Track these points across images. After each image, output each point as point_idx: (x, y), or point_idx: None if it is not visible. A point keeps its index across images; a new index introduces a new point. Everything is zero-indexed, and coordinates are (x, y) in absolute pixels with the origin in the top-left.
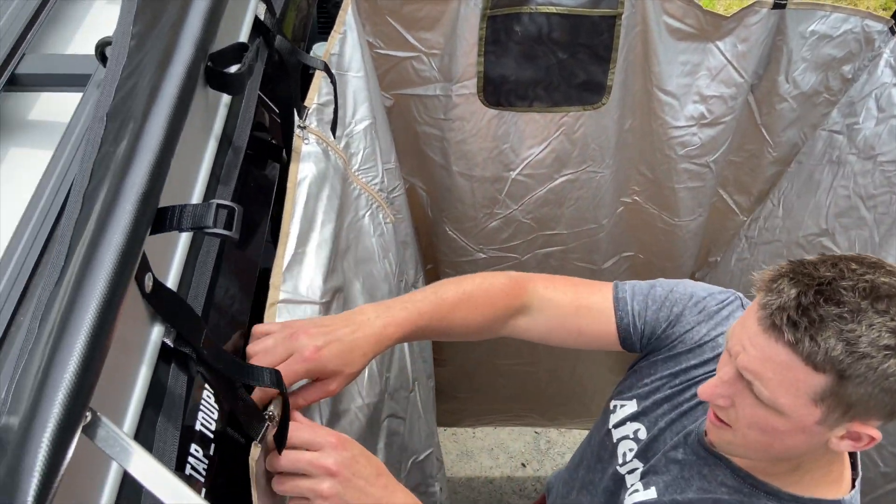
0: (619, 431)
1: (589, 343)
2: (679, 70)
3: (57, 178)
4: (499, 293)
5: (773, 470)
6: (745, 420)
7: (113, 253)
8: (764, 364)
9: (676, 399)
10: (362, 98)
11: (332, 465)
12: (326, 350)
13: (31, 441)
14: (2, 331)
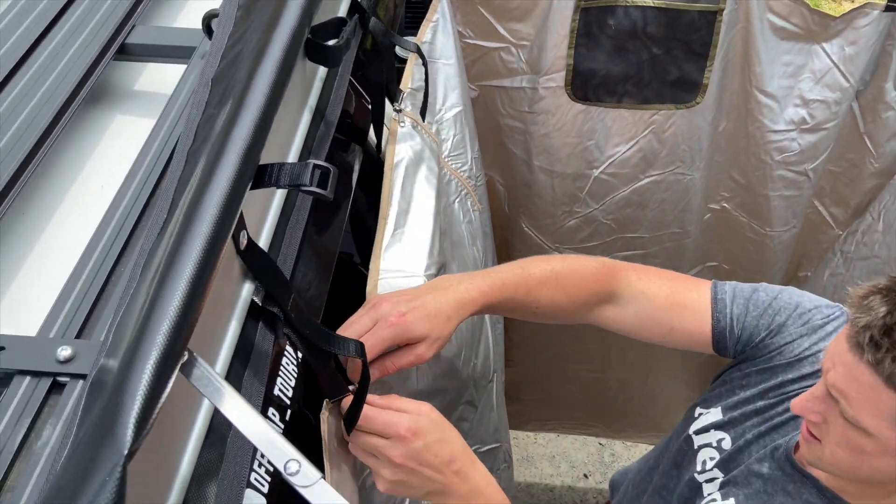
0: (700, 438)
1: (678, 342)
2: (781, 71)
3: (159, 144)
4: (589, 276)
5: (863, 494)
6: (835, 437)
7: (217, 202)
8: (849, 383)
9: (768, 412)
10: (453, 85)
11: (396, 456)
12: (411, 315)
13: (133, 372)
14: (104, 279)
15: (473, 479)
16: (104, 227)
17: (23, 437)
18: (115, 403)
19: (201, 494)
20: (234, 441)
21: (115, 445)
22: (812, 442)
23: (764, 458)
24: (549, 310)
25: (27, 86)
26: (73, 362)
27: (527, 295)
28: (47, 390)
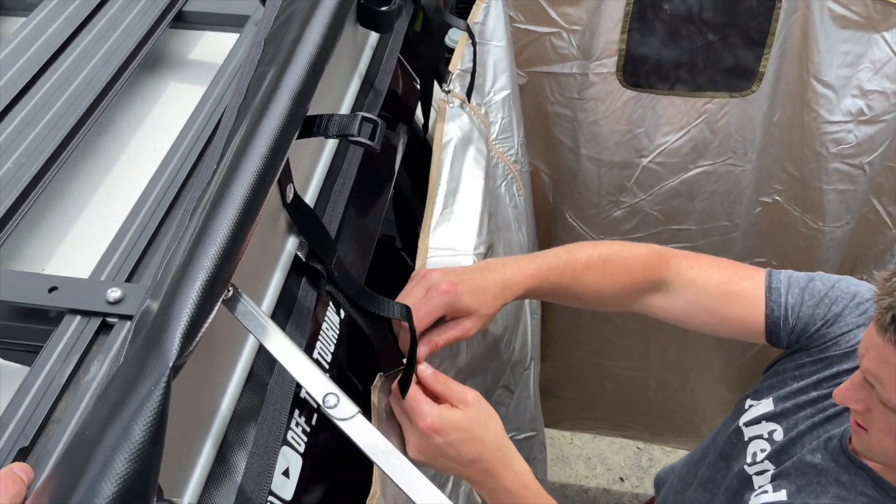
0: (750, 430)
1: (730, 332)
2: (840, 60)
3: (210, 105)
4: (638, 263)
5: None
6: (879, 424)
7: (265, 142)
8: (881, 366)
9: (822, 403)
10: (503, 68)
11: (413, 444)
12: (461, 286)
13: (181, 293)
14: (154, 228)
15: (502, 478)
16: (156, 181)
17: (71, 372)
18: (162, 321)
19: (241, 436)
20: (274, 389)
21: (162, 358)
22: (860, 432)
23: (817, 448)
24: (596, 296)
25: (85, 50)
26: (121, 304)
27: (573, 280)
28: (96, 329)
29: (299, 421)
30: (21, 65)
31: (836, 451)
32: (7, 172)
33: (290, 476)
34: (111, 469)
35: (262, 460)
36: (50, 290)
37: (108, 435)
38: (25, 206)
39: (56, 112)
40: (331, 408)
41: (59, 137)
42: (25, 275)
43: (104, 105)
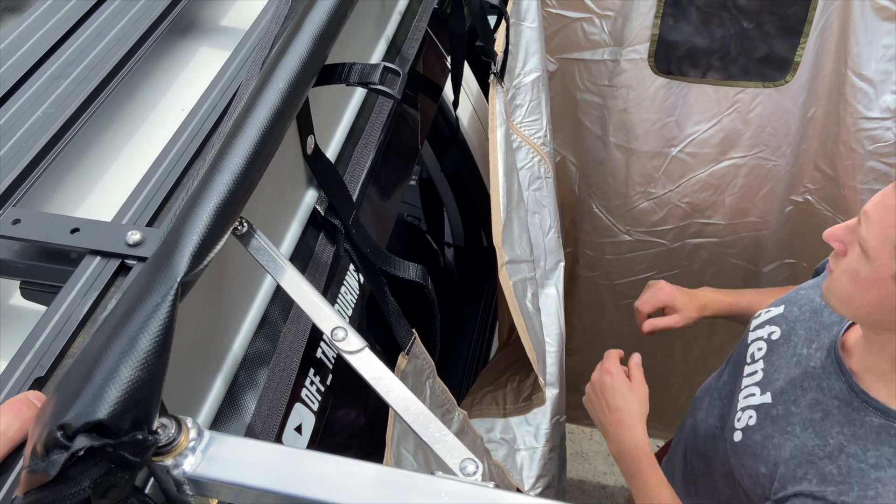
0: (754, 334)
1: None
2: (880, 54)
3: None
4: None
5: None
6: (843, 266)
7: (283, 80)
8: (875, 206)
9: (823, 313)
10: (534, 49)
11: (595, 375)
12: (677, 291)
13: (194, 214)
14: (176, 177)
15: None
16: (179, 134)
17: (88, 310)
18: (173, 239)
19: (251, 378)
20: (287, 336)
21: (171, 272)
22: (829, 274)
23: (807, 353)
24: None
25: (117, 9)
26: (140, 246)
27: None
28: (115, 270)
29: (314, 380)
30: (55, 21)
31: (827, 356)
32: (37, 120)
33: (302, 433)
34: (117, 375)
35: (272, 404)
36: (72, 231)
37: (115, 344)
38: (54, 152)
39: (86, 66)
40: (339, 341)
41: (88, 91)
42: (49, 216)
43: (133, 63)
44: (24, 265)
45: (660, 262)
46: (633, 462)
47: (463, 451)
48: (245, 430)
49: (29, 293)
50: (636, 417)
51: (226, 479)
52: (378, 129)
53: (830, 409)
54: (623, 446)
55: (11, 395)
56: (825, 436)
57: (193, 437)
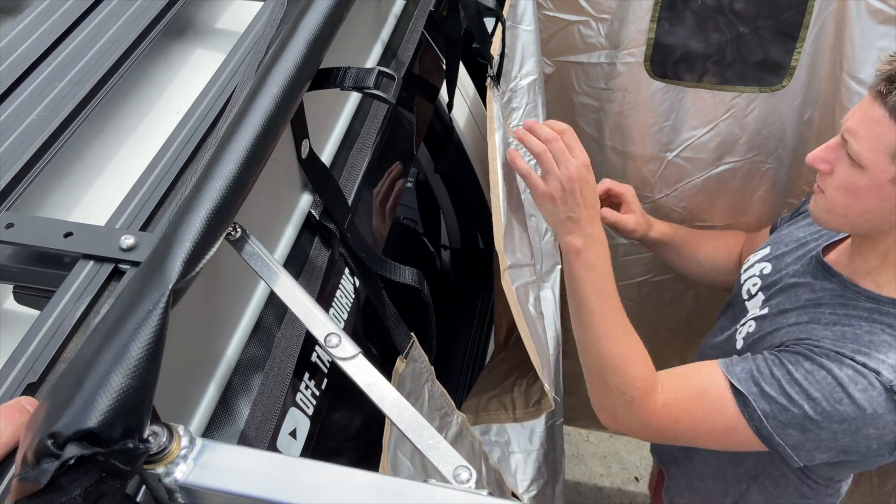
0: (746, 274)
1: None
2: (875, 57)
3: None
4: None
5: (866, 267)
6: (836, 182)
7: (277, 85)
8: (860, 122)
9: (809, 244)
10: (530, 52)
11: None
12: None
13: (186, 221)
14: (170, 181)
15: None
16: (174, 137)
17: (81, 315)
18: (165, 246)
19: (245, 383)
20: (282, 341)
21: (162, 279)
22: (818, 194)
23: (797, 272)
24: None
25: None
26: (134, 251)
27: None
28: (108, 275)
29: (309, 384)
30: (49, 24)
31: (812, 264)
32: (31, 123)
33: (296, 437)
34: (108, 383)
35: (266, 409)
36: (65, 236)
37: (106, 351)
38: (48, 156)
39: (81, 68)
40: (333, 347)
41: (83, 93)
42: (43, 220)
43: (128, 65)
44: (17, 269)
45: (655, 265)
46: (598, 251)
47: (456, 458)
48: (239, 435)
49: (22, 297)
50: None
51: (218, 487)
52: (374, 132)
53: (823, 299)
54: (593, 238)
55: (4, 400)
56: (818, 317)
57: (185, 445)
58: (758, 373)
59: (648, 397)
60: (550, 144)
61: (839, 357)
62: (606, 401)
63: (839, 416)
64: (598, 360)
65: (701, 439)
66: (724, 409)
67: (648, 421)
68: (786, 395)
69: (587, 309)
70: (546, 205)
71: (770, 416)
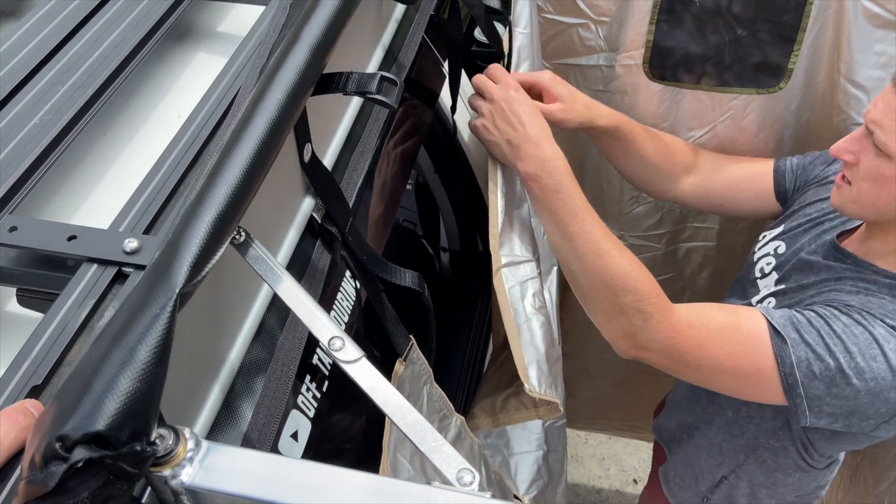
0: (760, 251)
1: (742, 197)
2: (873, 61)
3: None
4: (683, 145)
5: (884, 249)
6: (863, 173)
7: (281, 91)
8: (885, 114)
9: (823, 223)
10: (525, 55)
11: (496, 92)
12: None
13: (192, 226)
14: (174, 184)
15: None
16: (176, 141)
17: (85, 318)
18: (172, 250)
19: (248, 386)
20: (284, 344)
21: (169, 283)
22: (843, 186)
23: (812, 251)
24: (651, 159)
25: (115, 15)
26: (137, 254)
27: (639, 138)
28: (112, 278)
29: (310, 386)
30: (52, 27)
31: (828, 248)
32: (34, 127)
33: (298, 440)
34: (116, 387)
35: (269, 412)
36: (69, 239)
37: (114, 355)
38: (51, 159)
39: (84, 72)
40: (336, 350)
41: (86, 97)
42: (46, 223)
43: (130, 69)
44: (20, 272)
45: (653, 265)
46: (557, 173)
47: (459, 460)
48: (242, 437)
49: (25, 300)
50: (548, 131)
51: (223, 489)
52: (375, 136)
53: (843, 274)
54: (545, 158)
55: (8, 403)
56: (841, 288)
57: (191, 448)
58: (797, 321)
59: (668, 312)
60: (477, 82)
61: (871, 316)
62: (622, 325)
63: (870, 374)
64: (602, 280)
65: (720, 375)
66: (757, 347)
67: (674, 339)
68: (824, 345)
69: (566, 234)
70: (486, 139)
71: (803, 363)
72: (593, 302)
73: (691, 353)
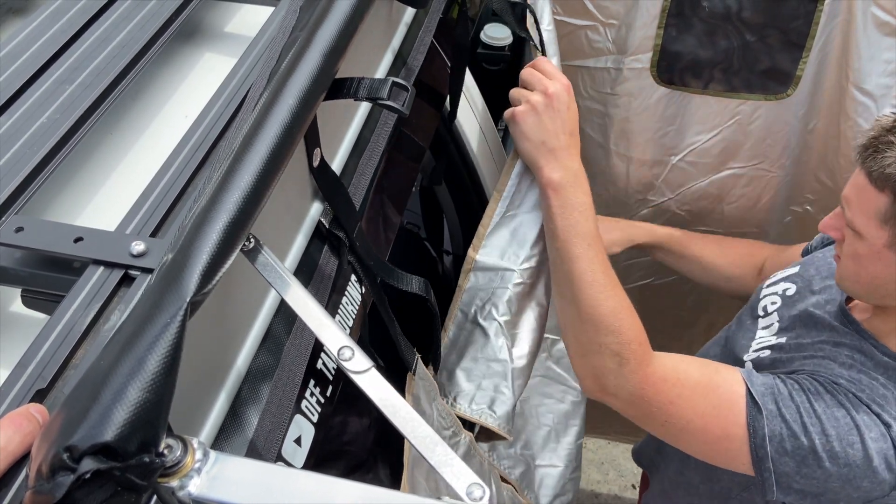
0: (769, 290)
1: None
2: (881, 69)
3: (243, 73)
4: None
5: (886, 328)
6: (846, 250)
7: (293, 97)
8: (850, 189)
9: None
10: (551, 52)
11: (549, 86)
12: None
13: (203, 233)
14: (181, 186)
15: (579, 158)
16: (184, 143)
17: (91, 321)
18: (182, 258)
19: (254, 393)
20: (290, 350)
21: (180, 292)
22: (837, 262)
23: (819, 305)
24: (714, 266)
25: (122, 14)
26: (144, 257)
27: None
28: (118, 281)
29: (314, 391)
30: (60, 26)
31: (835, 311)
32: (41, 126)
33: (301, 445)
34: (124, 397)
35: (274, 419)
36: (75, 241)
37: (123, 364)
38: (57, 159)
39: (91, 72)
40: (346, 360)
41: (93, 96)
42: (52, 224)
43: (138, 69)
44: (25, 273)
45: (657, 270)
46: (581, 191)
47: (470, 475)
48: (248, 445)
49: (30, 301)
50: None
51: (231, 501)
52: (383, 140)
53: (843, 341)
54: (576, 172)
55: (13, 407)
56: (835, 356)
57: (199, 458)
58: (777, 392)
59: (645, 363)
60: (526, 74)
61: (857, 400)
62: (595, 364)
63: (844, 460)
64: (588, 314)
65: (688, 435)
66: (730, 413)
67: (643, 391)
68: (801, 423)
69: (569, 254)
70: (521, 131)
71: (776, 438)
72: (573, 332)
73: (661, 407)
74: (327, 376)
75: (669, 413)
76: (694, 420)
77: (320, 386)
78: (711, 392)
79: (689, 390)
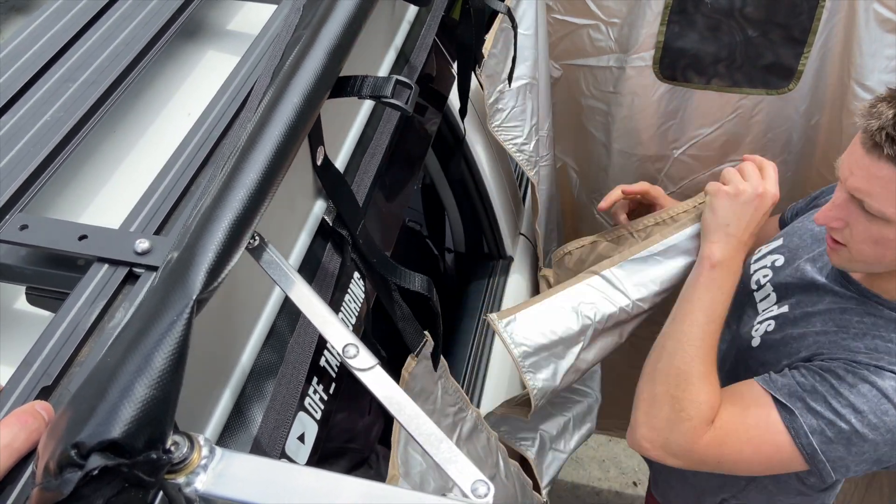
0: (757, 264)
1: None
2: (883, 65)
3: (246, 71)
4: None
5: (887, 286)
6: (859, 236)
7: (298, 95)
8: (870, 182)
9: (822, 233)
10: (524, 56)
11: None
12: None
13: (209, 232)
14: (185, 184)
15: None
16: (188, 141)
17: (96, 319)
18: (188, 256)
19: (259, 390)
20: (294, 347)
21: (186, 290)
22: (837, 248)
23: (815, 268)
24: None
25: (125, 13)
26: (149, 255)
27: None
28: (123, 278)
29: (317, 388)
30: (63, 24)
31: (833, 273)
32: (44, 125)
33: (305, 442)
34: (132, 394)
35: (279, 416)
36: (80, 238)
37: (129, 361)
38: (61, 157)
39: (95, 70)
40: (350, 358)
41: (96, 94)
42: (57, 222)
43: (141, 67)
44: (30, 271)
45: None
46: (734, 276)
47: (475, 472)
48: (252, 442)
49: (35, 299)
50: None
51: (237, 497)
52: (386, 138)
53: (848, 305)
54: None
55: (18, 404)
56: (846, 325)
57: (205, 455)
58: (800, 388)
59: (706, 423)
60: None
61: (879, 370)
62: (659, 415)
63: (885, 427)
64: (677, 369)
65: (746, 463)
66: (769, 426)
67: (695, 445)
68: (832, 409)
69: (691, 318)
70: (717, 205)
71: (816, 431)
72: (652, 379)
73: (713, 453)
74: (330, 373)
75: (721, 454)
76: (744, 448)
77: (323, 383)
78: (748, 415)
79: (731, 425)
